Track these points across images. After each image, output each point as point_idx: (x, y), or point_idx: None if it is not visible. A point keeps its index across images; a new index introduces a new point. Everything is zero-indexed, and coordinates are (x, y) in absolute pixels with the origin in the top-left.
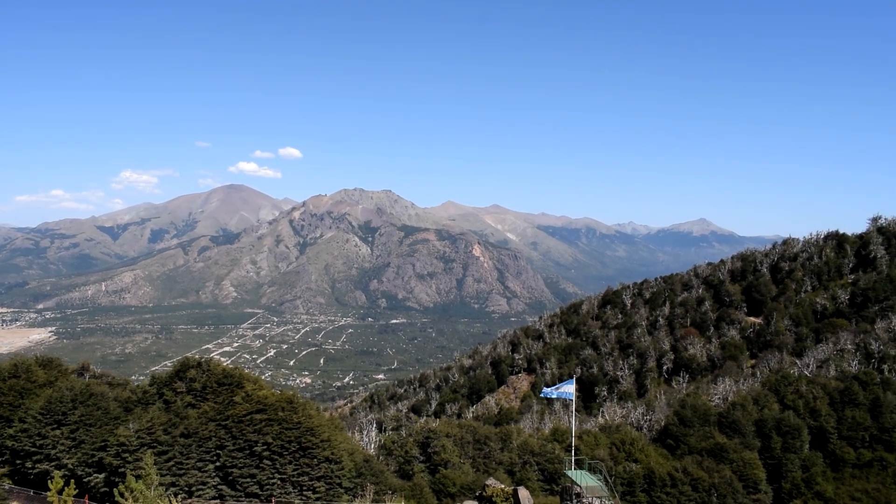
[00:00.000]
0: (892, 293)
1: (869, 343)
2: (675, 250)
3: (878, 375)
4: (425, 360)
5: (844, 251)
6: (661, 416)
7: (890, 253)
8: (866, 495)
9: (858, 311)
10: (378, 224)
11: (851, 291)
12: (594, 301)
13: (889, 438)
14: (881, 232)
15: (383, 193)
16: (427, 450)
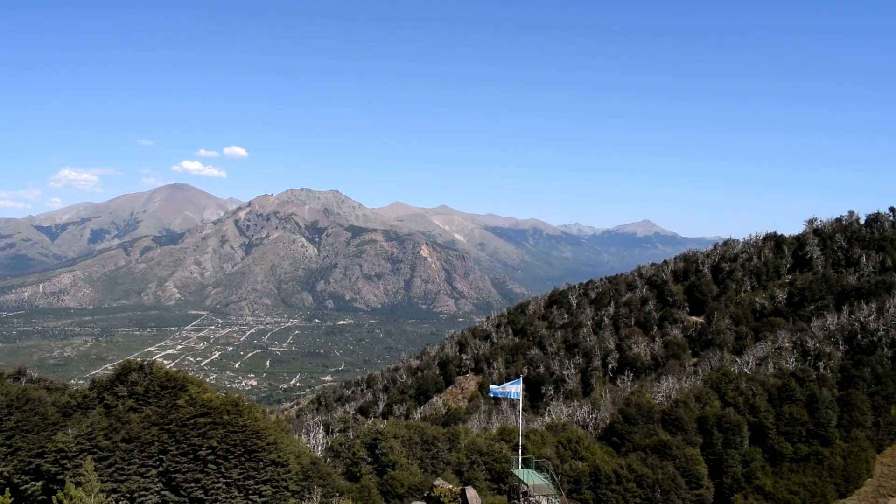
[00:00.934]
0: (827, 293)
1: (805, 341)
2: (620, 251)
3: (814, 372)
4: (373, 361)
5: (782, 252)
6: (607, 415)
7: (825, 254)
8: (803, 488)
9: (795, 310)
10: (325, 224)
11: (789, 291)
12: (541, 301)
13: (825, 433)
14: (817, 233)
15: (331, 194)
16: (375, 451)
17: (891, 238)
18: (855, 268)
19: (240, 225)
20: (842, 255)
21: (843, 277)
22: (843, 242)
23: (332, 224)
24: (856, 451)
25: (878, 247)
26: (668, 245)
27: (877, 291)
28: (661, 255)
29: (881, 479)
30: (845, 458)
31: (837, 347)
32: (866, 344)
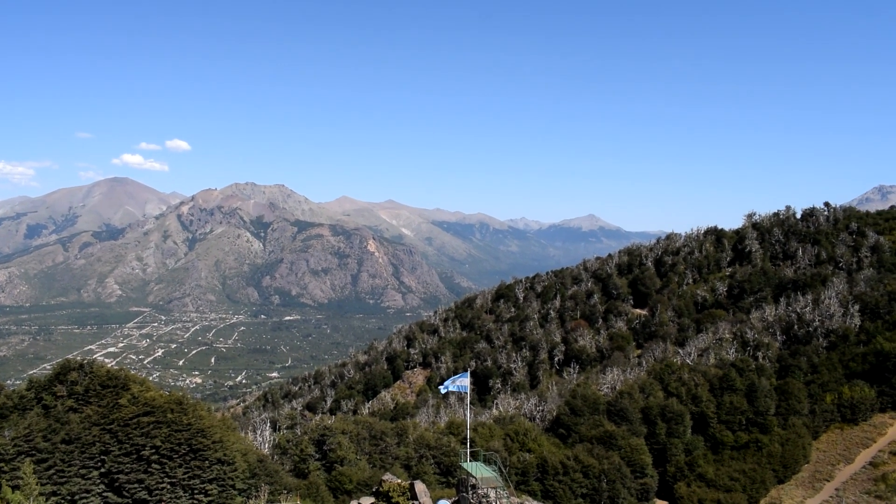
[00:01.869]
0: (765, 285)
1: (745, 332)
2: (566, 245)
3: (753, 362)
4: (320, 356)
5: (722, 246)
6: (553, 407)
7: (764, 247)
8: (744, 475)
9: (735, 302)
10: (271, 219)
11: (729, 283)
12: (488, 295)
13: (763, 421)
14: (756, 227)
15: (276, 188)
16: (323, 447)
17: (826, 232)
18: (792, 261)
19: (183, 220)
20: (779, 248)
21: (781, 270)
22: (780, 236)
23: (278, 219)
24: (793, 438)
25: (814, 240)
26: (612, 239)
27: (812, 284)
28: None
29: (817, 465)
30: (783, 444)
31: (775, 338)
32: (803, 334)
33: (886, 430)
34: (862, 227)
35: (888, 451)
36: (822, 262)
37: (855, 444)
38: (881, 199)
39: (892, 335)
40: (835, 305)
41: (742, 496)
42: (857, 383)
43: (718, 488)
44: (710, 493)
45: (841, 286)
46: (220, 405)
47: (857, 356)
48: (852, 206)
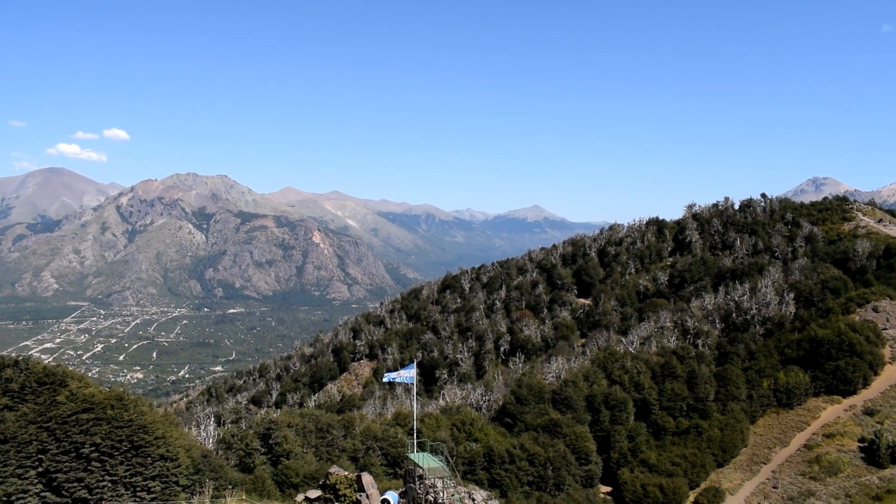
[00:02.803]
0: (705, 274)
1: (685, 320)
2: (511, 236)
3: (694, 350)
4: (265, 349)
5: (664, 236)
6: (499, 396)
7: (703, 238)
8: (685, 460)
9: (676, 291)
10: (213, 210)
11: (670, 273)
12: (434, 286)
13: (703, 407)
14: (696, 218)
15: (219, 178)
16: (269, 441)
17: (762, 223)
18: (730, 251)
19: (122, 211)
20: (718, 238)
21: (720, 260)
22: (719, 227)
23: (221, 210)
24: (732, 423)
25: (751, 231)
26: (557, 230)
27: (750, 273)
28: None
29: (755, 449)
30: (722, 429)
31: (714, 326)
32: (740, 322)
33: (820, 413)
34: (797, 218)
35: (822, 433)
36: (759, 251)
37: (790, 427)
38: (815, 191)
39: (825, 322)
40: (771, 294)
41: (683, 480)
42: (793, 369)
43: (660, 473)
44: (652, 478)
45: (777, 275)
46: (162, 400)
47: (792, 343)
48: (788, 197)
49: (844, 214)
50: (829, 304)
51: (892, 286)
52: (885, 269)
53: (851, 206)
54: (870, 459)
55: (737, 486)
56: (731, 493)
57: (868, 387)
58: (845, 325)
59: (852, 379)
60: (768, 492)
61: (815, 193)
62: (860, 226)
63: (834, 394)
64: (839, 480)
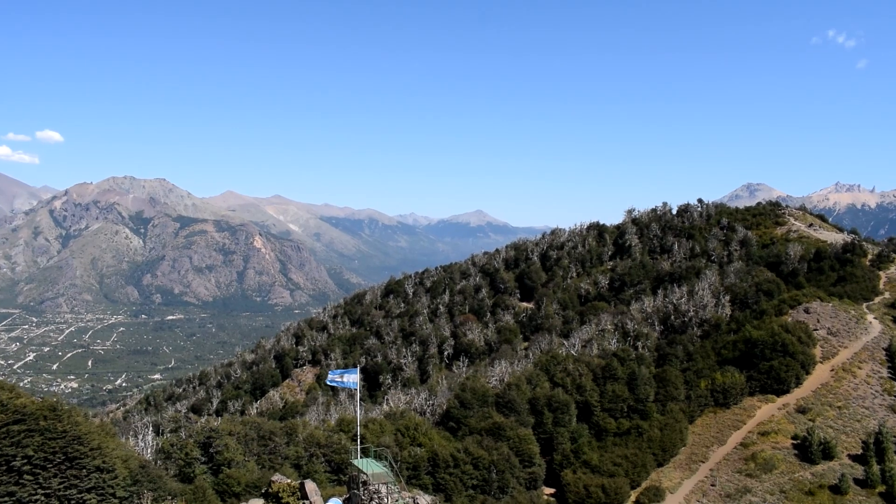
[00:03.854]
0: (644, 278)
1: (626, 323)
2: (454, 240)
3: (634, 352)
4: (205, 356)
5: (604, 240)
6: (443, 401)
7: (643, 242)
8: (626, 460)
9: (616, 294)
10: (151, 215)
11: (610, 277)
12: (377, 291)
13: (644, 408)
14: (635, 223)
15: (157, 182)
16: (209, 450)
17: (699, 227)
18: (668, 254)
19: (55, 215)
20: (657, 242)
21: (658, 263)
22: (658, 231)
23: (159, 214)
24: (671, 423)
25: (689, 235)
26: (500, 234)
27: (687, 276)
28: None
29: (693, 448)
30: (662, 429)
31: (654, 328)
32: (679, 324)
33: (755, 412)
34: (732, 223)
35: (757, 432)
36: (696, 255)
37: (727, 426)
38: (749, 196)
39: (760, 324)
40: (708, 296)
41: (624, 480)
42: (729, 369)
43: (602, 474)
44: (594, 478)
45: (713, 278)
46: (98, 410)
47: (728, 344)
48: (723, 202)
49: (777, 219)
50: (763, 306)
51: (822, 288)
52: (815, 271)
53: (784, 212)
54: (803, 456)
55: (676, 485)
56: (671, 492)
57: (800, 386)
58: (778, 327)
59: (785, 378)
60: (707, 489)
61: (750, 199)
62: (792, 230)
63: (768, 393)
64: (774, 477)
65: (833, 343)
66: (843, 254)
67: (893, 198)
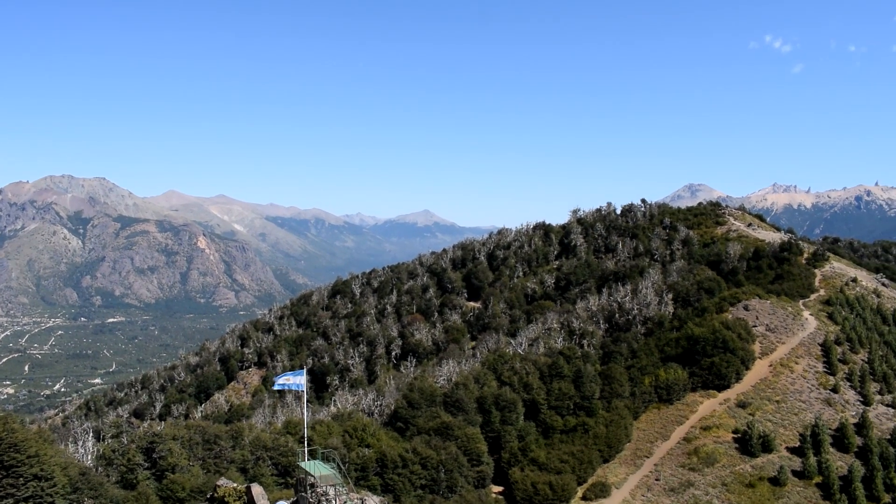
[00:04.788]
0: (589, 277)
1: (571, 321)
2: (402, 240)
3: (579, 350)
4: (147, 360)
5: (550, 240)
6: (391, 401)
7: (588, 241)
8: (572, 457)
9: (562, 293)
10: (91, 215)
11: (556, 276)
12: (324, 291)
13: (589, 405)
14: (580, 223)
15: (96, 181)
16: (152, 455)
17: (643, 227)
18: (613, 253)
19: None
20: (602, 242)
21: (603, 262)
22: (602, 231)
23: (99, 214)
24: (616, 420)
25: (632, 234)
26: (447, 234)
27: (631, 275)
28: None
29: (638, 443)
30: (607, 426)
31: (599, 326)
32: (623, 322)
33: (697, 407)
34: (674, 222)
35: (699, 426)
36: (640, 254)
37: (671, 422)
38: (691, 196)
39: (701, 321)
40: (651, 295)
41: (571, 477)
42: (672, 366)
43: (549, 471)
44: (542, 476)
45: (656, 277)
46: (36, 416)
47: (671, 341)
48: (666, 202)
49: (717, 219)
50: (704, 304)
51: (760, 286)
52: (754, 270)
53: (724, 212)
54: (743, 449)
55: (622, 480)
56: (617, 487)
57: (741, 381)
58: (719, 324)
59: (726, 374)
60: (651, 484)
61: (691, 199)
62: (732, 229)
63: (710, 388)
64: (716, 470)
65: (771, 339)
66: (781, 253)
67: (828, 198)
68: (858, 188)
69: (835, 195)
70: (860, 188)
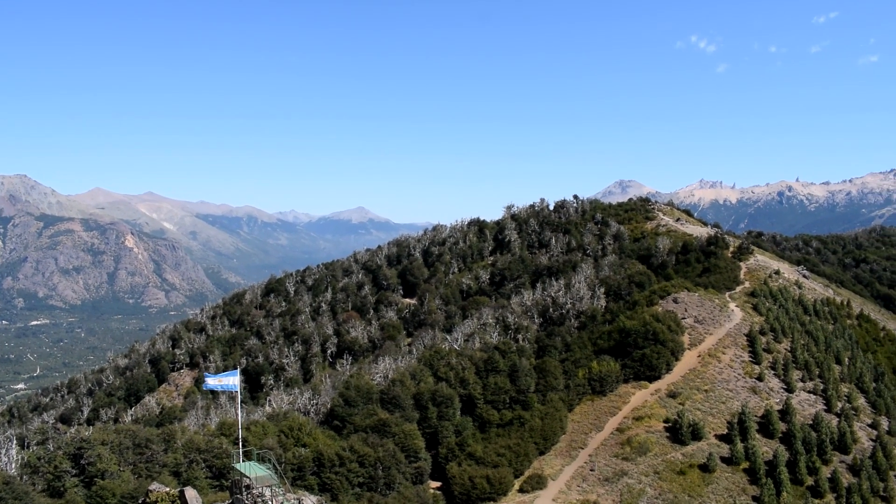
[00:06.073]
0: (523, 272)
1: (506, 316)
2: (336, 237)
3: (514, 344)
4: (74, 363)
5: (485, 236)
6: (328, 399)
7: (522, 237)
8: (509, 450)
9: (497, 288)
10: (11, 213)
11: (491, 271)
12: (258, 290)
13: (525, 399)
14: (514, 219)
15: (17, 178)
16: (81, 461)
17: (575, 222)
18: (546, 249)
19: None
20: (535, 237)
21: (537, 258)
22: (536, 226)
23: (20, 213)
24: (552, 413)
25: (565, 230)
26: (382, 231)
27: (564, 270)
28: (376, 240)
29: (573, 435)
30: (543, 419)
31: (533, 320)
32: (557, 316)
33: (629, 398)
34: (606, 218)
35: (632, 417)
36: (573, 249)
37: (604, 413)
38: (622, 192)
39: (632, 314)
40: (584, 289)
41: (508, 470)
42: (605, 358)
43: (487, 465)
44: (479, 470)
45: (589, 271)
46: None
47: (604, 334)
48: (597, 198)
49: (647, 214)
50: (635, 297)
51: (689, 279)
52: (682, 263)
53: (653, 207)
54: (674, 438)
55: (558, 472)
56: (553, 479)
57: (671, 372)
58: (650, 316)
59: (657, 365)
60: (586, 474)
61: (622, 195)
62: (661, 224)
63: (641, 380)
64: (648, 459)
65: (700, 330)
66: (708, 246)
67: (752, 194)
68: (780, 184)
69: (758, 191)
70: (782, 184)
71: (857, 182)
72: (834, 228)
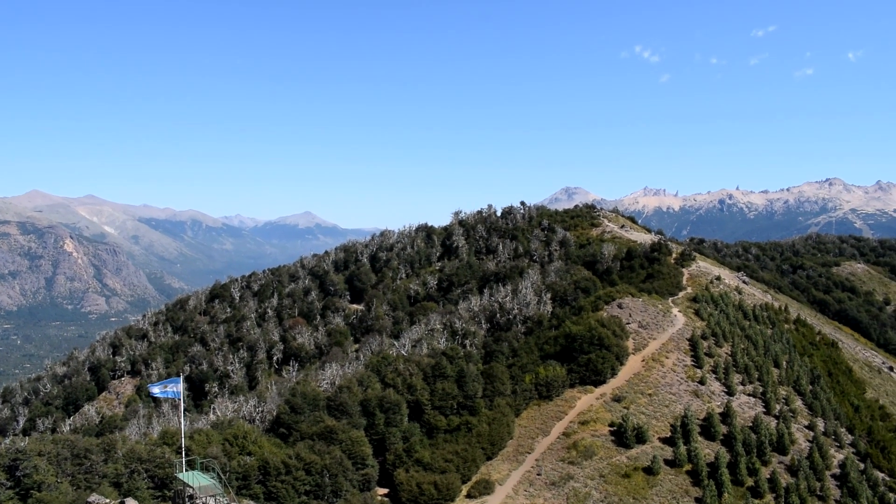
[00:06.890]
0: (471, 277)
1: (454, 322)
2: (283, 242)
3: (462, 350)
4: (9, 371)
5: (433, 242)
6: (273, 407)
7: (469, 243)
8: (457, 456)
9: (445, 294)
10: None
11: (439, 277)
12: (202, 296)
13: (472, 404)
14: (462, 224)
15: None
16: (16, 473)
17: (522, 229)
18: (493, 255)
19: None
20: (483, 243)
21: (484, 263)
22: (483, 232)
23: None
24: (499, 418)
25: (512, 236)
26: (329, 236)
27: (511, 275)
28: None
29: (520, 440)
30: (490, 424)
31: (481, 326)
32: (504, 322)
33: (576, 403)
34: (552, 224)
35: (578, 421)
36: (520, 255)
37: (550, 417)
38: (568, 199)
39: (578, 319)
40: (531, 294)
41: (456, 476)
42: (551, 363)
43: (434, 471)
44: (427, 476)
45: (535, 277)
46: None
47: (550, 339)
48: (544, 205)
49: (593, 221)
50: (581, 303)
51: (633, 285)
52: (627, 269)
53: (599, 214)
54: (619, 441)
55: (505, 477)
56: (500, 484)
57: (616, 376)
58: (595, 322)
59: (602, 370)
60: (533, 479)
61: (568, 202)
62: (606, 231)
63: (587, 384)
64: (594, 463)
65: (644, 335)
66: (652, 253)
67: (694, 201)
68: (721, 192)
69: (700, 198)
70: (723, 192)
71: (794, 191)
72: (772, 235)
